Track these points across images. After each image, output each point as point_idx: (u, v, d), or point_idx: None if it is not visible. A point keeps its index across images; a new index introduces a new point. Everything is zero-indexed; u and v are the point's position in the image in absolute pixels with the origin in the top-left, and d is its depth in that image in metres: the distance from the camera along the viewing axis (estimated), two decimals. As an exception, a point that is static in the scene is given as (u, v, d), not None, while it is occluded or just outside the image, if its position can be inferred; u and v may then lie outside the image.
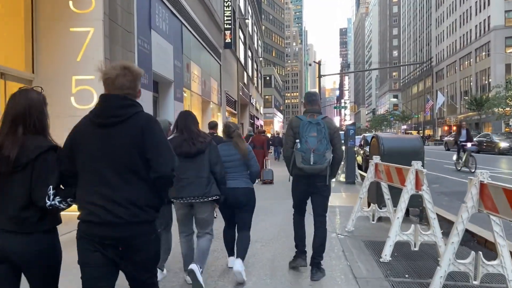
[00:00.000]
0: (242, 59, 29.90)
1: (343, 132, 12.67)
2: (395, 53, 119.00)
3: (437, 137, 61.37)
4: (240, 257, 3.85)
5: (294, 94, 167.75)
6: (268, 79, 65.26)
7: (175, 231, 4.02)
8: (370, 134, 15.81)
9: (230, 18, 22.06)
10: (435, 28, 76.41)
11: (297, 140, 3.80)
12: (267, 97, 63.51)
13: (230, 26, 22.06)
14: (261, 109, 52.18)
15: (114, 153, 2.07)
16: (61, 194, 2.11)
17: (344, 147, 12.14)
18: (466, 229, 3.92)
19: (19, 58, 7.15)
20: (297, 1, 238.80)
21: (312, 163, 3.73)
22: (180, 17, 12.92)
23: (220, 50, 20.64)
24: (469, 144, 14.70)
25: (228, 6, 22.00)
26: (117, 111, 2.10)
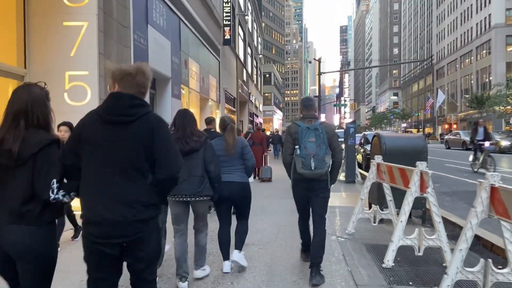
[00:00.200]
0: (241, 56, 29.65)
1: (343, 130, 12.49)
2: (396, 50, 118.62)
3: (437, 135, 61.15)
4: (237, 249, 4.07)
5: (294, 91, 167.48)
6: (268, 77, 65.03)
7: (169, 237, 3.86)
8: (370, 133, 15.54)
9: (229, 14, 21.83)
10: (436, 26, 76.13)
11: (297, 146, 3.85)
12: (266, 94, 63.35)
13: (230, 23, 21.82)
14: (261, 106, 51.99)
15: (121, 151, 2.08)
16: (64, 187, 2.12)
17: (344, 146, 11.99)
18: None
19: (10, 53, 6.93)
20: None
21: (313, 168, 3.75)
22: (178, 13, 12.69)
23: (219, 46, 20.41)
24: (487, 144, 13.39)
25: (227, 2, 21.80)
26: (129, 110, 2.11)
